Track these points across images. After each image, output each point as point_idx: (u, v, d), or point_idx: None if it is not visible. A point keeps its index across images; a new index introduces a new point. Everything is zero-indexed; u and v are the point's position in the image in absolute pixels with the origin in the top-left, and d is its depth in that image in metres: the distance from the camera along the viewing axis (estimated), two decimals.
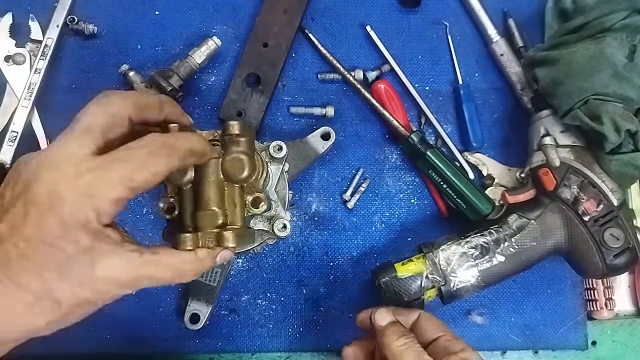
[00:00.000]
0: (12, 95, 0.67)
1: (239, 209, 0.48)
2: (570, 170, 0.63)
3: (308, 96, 0.72)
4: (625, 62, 0.60)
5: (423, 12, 0.74)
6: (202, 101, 0.71)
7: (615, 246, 0.61)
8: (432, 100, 0.72)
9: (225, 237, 0.45)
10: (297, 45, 0.72)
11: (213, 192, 0.46)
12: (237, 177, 0.47)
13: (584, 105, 0.60)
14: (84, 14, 0.70)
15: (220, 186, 0.47)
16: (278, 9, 0.70)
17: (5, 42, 0.67)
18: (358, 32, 0.73)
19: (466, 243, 0.62)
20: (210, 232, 0.45)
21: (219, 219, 0.46)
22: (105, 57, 0.71)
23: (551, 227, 0.62)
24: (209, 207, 0.46)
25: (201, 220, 0.46)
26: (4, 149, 0.65)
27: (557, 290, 0.70)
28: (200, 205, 0.46)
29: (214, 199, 0.46)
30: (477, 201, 0.66)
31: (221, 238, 0.46)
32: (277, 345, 0.68)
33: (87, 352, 0.67)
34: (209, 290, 0.64)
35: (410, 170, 0.72)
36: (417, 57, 0.73)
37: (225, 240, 0.45)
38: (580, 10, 0.65)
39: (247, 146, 0.49)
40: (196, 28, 0.72)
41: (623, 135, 0.59)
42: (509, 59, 0.71)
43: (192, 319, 0.65)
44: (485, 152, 0.71)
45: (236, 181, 0.48)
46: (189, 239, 0.45)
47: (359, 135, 0.72)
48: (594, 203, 0.61)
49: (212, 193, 0.46)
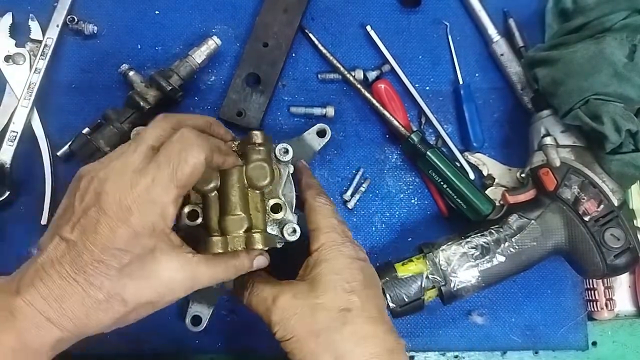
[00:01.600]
0: (11, 95, 0.67)
1: (262, 214, 0.51)
2: (571, 170, 0.62)
3: (308, 96, 0.72)
4: (625, 61, 0.60)
5: (423, 12, 0.74)
6: (202, 101, 0.71)
7: (615, 246, 0.60)
8: (433, 100, 0.72)
9: (254, 239, 0.48)
10: (297, 45, 0.72)
11: (239, 198, 0.49)
12: (260, 183, 0.51)
13: (584, 105, 0.60)
14: (84, 13, 0.70)
15: (245, 192, 0.50)
16: (278, 8, 0.70)
17: (5, 42, 0.67)
18: (358, 31, 0.73)
19: (466, 243, 0.62)
20: (238, 235, 0.49)
21: (245, 223, 0.49)
22: (105, 56, 0.71)
23: (551, 227, 0.62)
24: (236, 212, 0.49)
25: (229, 224, 0.49)
26: (4, 149, 0.65)
27: (557, 291, 0.70)
28: (226, 211, 0.49)
29: (240, 204, 0.49)
30: (478, 201, 0.66)
31: (250, 240, 0.49)
32: (277, 345, 0.68)
33: (87, 352, 0.66)
34: (210, 291, 0.64)
35: (411, 170, 0.72)
36: (418, 57, 0.73)
37: (254, 242, 0.48)
38: (580, 10, 0.65)
39: (268, 154, 0.52)
40: (196, 28, 0.72)
41: (623, 135, 0.59)
42: (509, 58, 0.71)
43: (193, 321, 0.64)
44: (486, 152, 0.71)
45: (258, 187, 0.51)
46: (220, 242, 0.48)
47: (359, 135, 0.72)
48: (594, 203, 0.61)
49: (238, 198, 0.49)
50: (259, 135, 0.52)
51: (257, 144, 0.51)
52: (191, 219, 0.50)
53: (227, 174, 0.50)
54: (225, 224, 0.49)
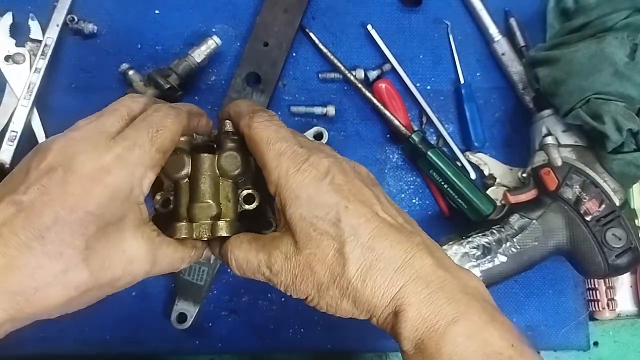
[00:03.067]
0: (11, 94, 0.66)
1: (232, 203, 0.50)
2: (572, 170, 0.62)
3: (309, 95, 0.72)
4: (626, 60, 0.59)
5: (424, 12, 0.74)
6: (202, 100, 0.71)
7: (617, 246, 0.60)
8: (434, 100, 0.72)
9: (219, 226, 0.47)
10: (298, 45, 0.72)
11: (208, 186, 0.48)
12: (231, 172, 0.49)
13: (585, 105, 0.60)
14: (83, 13, 0.70)
15: (216, 181, 0.49)
16: (278, 8, 0.70)
17: (5, 42, 0.67)
18: (359, 31, 0.73)
19: (468, 243, 0.62)
20: (205, 222, 0.48)
21: (213, 210, 0.48)
22: (105, 56, 0.70)
23: (553, 227, 0.62)
24: (204, 200, 0.48)
25: (196, 211, 0.48)
26: (4, 149, 0.65)
27: (558, 291, 0.70)
28: (195, 198, 0.48)
29: (209, 192, 0.48)
30: (478, 201, 0.65)
31: (215, 228, 0.47)
32: (278, 346, 0.68)
33: (87, 352, 0.67)
34: (197, 289, 0.64)
35: (412, 170, 0.72)
36: (419, 57, 0.73)
37: (219, 229, 0.47)
38: (581, 10, 0.65)
39: (241, 144, 0.50)
40: (196, 27, 0.72)
41: (624, 134, 0.58)
42: (510, 58, 0.71)
43: (179, 319, 0.65)
44: (487, 152, 0.71)
45: (230, 177, 0.49)
46: (184, 227, 0.47)
47: (360, 134, 0.72)
48: (595, 203, 0.61)
49: (208, 186, 0.48)
50: (229, 124, 0.51)
51: (231, 133, 0.50)
52: (164, 205, 0.49)
53: (199, 162, 0.49)
54: (193, 211, 0.48)
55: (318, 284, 0.42)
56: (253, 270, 0.46)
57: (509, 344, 0.39)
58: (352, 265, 0.41)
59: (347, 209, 0.42)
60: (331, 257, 0.42)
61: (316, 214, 0.42)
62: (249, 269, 0.46)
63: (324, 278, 0.42)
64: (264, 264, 0.44)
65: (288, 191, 0.43)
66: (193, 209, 0.48)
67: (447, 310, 0.40)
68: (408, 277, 0.41)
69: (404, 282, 0.41)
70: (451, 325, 0.39)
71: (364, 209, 0.43)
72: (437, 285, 0.41)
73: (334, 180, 0.43)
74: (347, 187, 0.43)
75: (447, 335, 0.39)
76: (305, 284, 0.43)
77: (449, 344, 0.39)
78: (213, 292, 0.68)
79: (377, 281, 0.41)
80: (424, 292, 0.41)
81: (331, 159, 0.45)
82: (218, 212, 0.48)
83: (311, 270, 0.42)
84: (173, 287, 0.67)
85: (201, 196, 0.48)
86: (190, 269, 0.66)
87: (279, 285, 0.44)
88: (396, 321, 0.41)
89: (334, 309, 0.43)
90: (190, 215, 0.48)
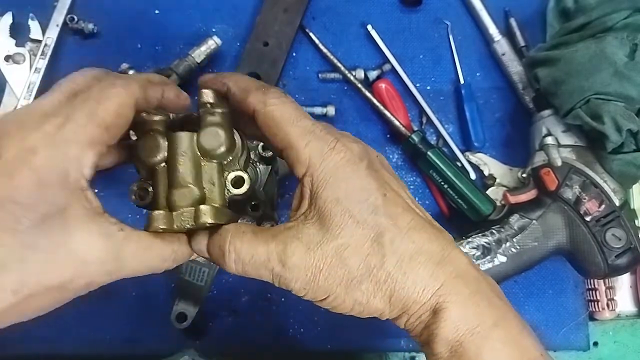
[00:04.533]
0: (11, 94, 0.66)
1: (218, 187, 0.42)
2: (572, 170, 0.62)
3: (309, 95, 0.72)
4: (626, 60, 0.59)
5: (424, 12, 0.74)
6: None
7: (617, 246, 0.60)
8: (434, 100, 0.72)
9: (201, 211, 0.40)
10: (298, 45, 0.72)
11: (187, 168, 0.41)
12: (214, 151, 0.42)
13: (585, 105, 0.60)
14: (83, 13, 0.70)
15: (197, 162, 0.42)
16: (278, 8, 0.70)
17: (5, 42, 0.67)
18: (359, 31, 0.73)
19: (468, 243, 0.62)
20: (187, 210, 0.40)
21: (194, 195, 0.41)
22: (105, 56, 0.70)
23: (553, 228, 0.62)
24: (184, 184, 0.41)
25: (176, 197, 0.40)
26: None
27: (558, 291, 0.70)
28: (174, 183, 0.41)
29: (189, 175, 0.41)
30: (478, 201, 0.65)
31: (198, 214, 0.40)
32: (278, 346, 0.68)
33: (87, 352, 0.67)
34: (197, 289, 0.64)
35: (411, 170, 0.72)
36: (419, 57, 0.73)
37: (202, 214, 0.39)
38: (581, 10, 0.65)
39: (225, 119, 0.43)
40: (196, 27, 0.72)
41: (624, 134, 0.58)
42: (510, 58, 0.71)
43: (179, 319, 0.65)
44: (487, 152, 0.71)
45: (213, 157, 0.42)
46: (161, 217, 0.40)
47: (360, 134, 0.71)
48: (595, 203, 0.61)
49: (187, 168, 0.41)
50: (209, 94, 0.42)
51: (210, 104, 0.42)
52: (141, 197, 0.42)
53: (176, 141, 0.41)
54: (173, 198, 0.40)
55: (348, 279, 0.38)
56: (258, 265, 0.39)
57: (539, 353, 0.38)
58: (392, 256, 0.38)
59: (385, 197, 0.39)
60: (367, 247, 0.38)
61: (355, 198, 0.38)
62: (252, 264, 0.40)
63: (357, 271, 0.38)
64: (275, 257, 0.38)
65: (323, 172, 0.38)
66: (172, 195, 0.40)
67: (489, 313, 0.38)
68: (448, 273, 0.38)
69: (445, 278, 0.38)
70: (492, 329, 0.37)
71: (399, 199, 0.40)
72: (475, 286, 0.39)
73: (370, 166, 0.40)
74: (382, 174, 0.40)
75: (489, 340, 0.37)
76: (330, 280, 0.38)
77: (488, 350, 0.37)
78: (213, 292, 0.68)
79: (420, 274, 0.38)
80: (465, 291, 0.38)
81: (360, 144, 0.41)
82: (201, 197, 0.41)
83: (342, 263, 0.38)
84: (173, 287, 0.67)
85: (180, 180, 0.41)
86: (191, 270, 0.66)
87: (292, 282, 0.39)
88: (434, 320, 0.38)
89: (362, 307, 0.39)
90: (170, 202, 0.40)
